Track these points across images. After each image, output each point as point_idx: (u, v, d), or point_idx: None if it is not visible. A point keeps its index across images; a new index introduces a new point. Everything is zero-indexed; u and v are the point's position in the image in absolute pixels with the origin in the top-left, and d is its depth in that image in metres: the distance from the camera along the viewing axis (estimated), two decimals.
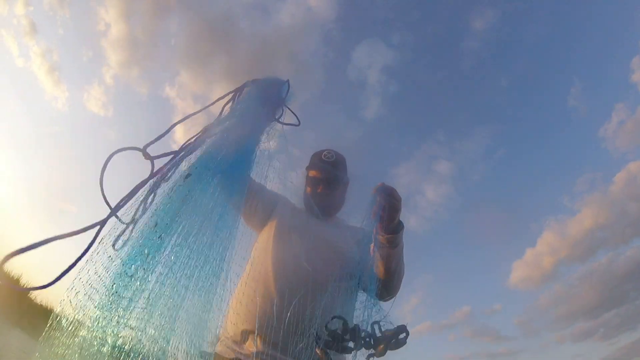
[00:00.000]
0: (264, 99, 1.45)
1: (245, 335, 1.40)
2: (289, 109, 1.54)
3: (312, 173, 1.72)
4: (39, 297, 9.62)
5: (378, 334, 1.16)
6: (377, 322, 1.20)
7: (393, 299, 1.55)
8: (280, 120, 1.51)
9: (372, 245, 1.47)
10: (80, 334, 0.93)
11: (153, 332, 0.95)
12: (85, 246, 0.98)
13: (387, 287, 1.49)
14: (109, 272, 1.01)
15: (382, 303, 1.43)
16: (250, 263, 1.49)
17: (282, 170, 1.45)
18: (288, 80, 1.52)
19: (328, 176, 1.68)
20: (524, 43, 17.16)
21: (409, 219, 1.51)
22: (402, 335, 1.14)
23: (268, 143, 1.46)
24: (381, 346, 1.11)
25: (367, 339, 1.14)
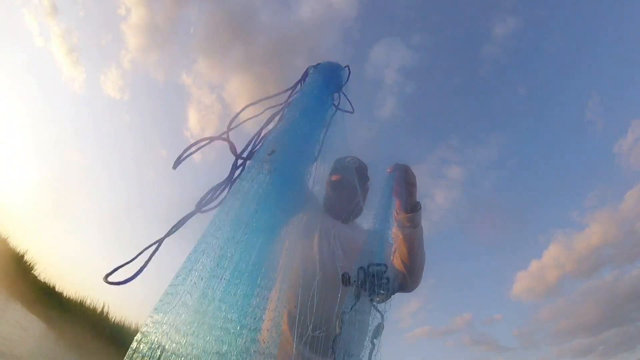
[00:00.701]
0: (326, 84, 1.45)
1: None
2: (345, 96, 1.52)
3: (334, 177, 1.74)
4: (43, 274, 9.76)
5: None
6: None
7: (418, 283, 1.57)
8: (338, 106, 1.49)
9: (394, 228, 1.47)
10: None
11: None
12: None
13: (410, 269, 1.50)
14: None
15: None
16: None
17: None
18: (348, 66, 1.52)
19: (350, 181, 1.67)
20: (544, 52, 16.94)
21: None
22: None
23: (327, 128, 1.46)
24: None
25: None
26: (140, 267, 0.99)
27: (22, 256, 9.85)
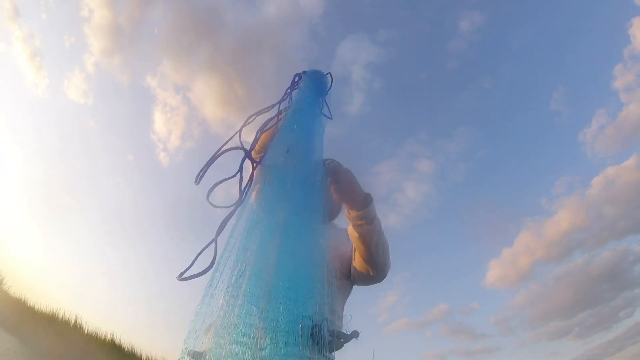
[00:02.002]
0: (314, 91, 1.53)
1: None
2: (326, 103, 1.57)
3: None
4: (12, 288, 9.45)
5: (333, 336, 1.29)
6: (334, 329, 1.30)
7: (386, 273, 1.59)
8: (322, 111, 1.56)
9: (350, 227, 1.50)
10: None
11: None
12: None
13: (373, 264, 1.52)
14: None
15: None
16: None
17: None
18: (330, 74, 1.59)
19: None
20: (510, 46, 17.45)
21: (389, 216, 1.55)
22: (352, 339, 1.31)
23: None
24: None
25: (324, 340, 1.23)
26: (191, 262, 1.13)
27: None
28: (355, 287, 1.71)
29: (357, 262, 1.55)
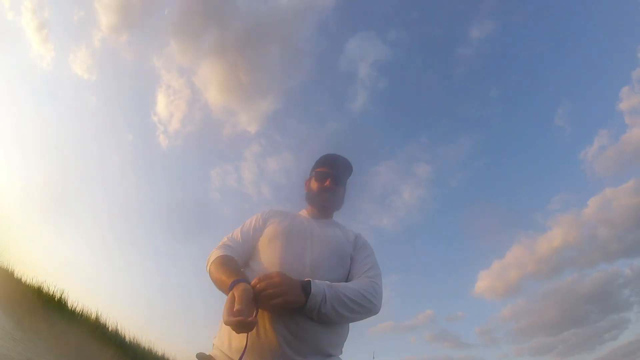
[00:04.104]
0: None
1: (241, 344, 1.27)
2: None
3: (321, 168, 1.77)
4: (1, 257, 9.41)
5: None
6: None
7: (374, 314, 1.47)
8: None
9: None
10: None
11: None
12: None
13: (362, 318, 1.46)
14: None
15: None
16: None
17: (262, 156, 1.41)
18: None
19: (337, 172, 1.75)
20: (519, 57, 17.41)
21: (383, 217, 1.51)
22: None
23: None
24: None
25: None
26: None
27: None
28: None
29: None
